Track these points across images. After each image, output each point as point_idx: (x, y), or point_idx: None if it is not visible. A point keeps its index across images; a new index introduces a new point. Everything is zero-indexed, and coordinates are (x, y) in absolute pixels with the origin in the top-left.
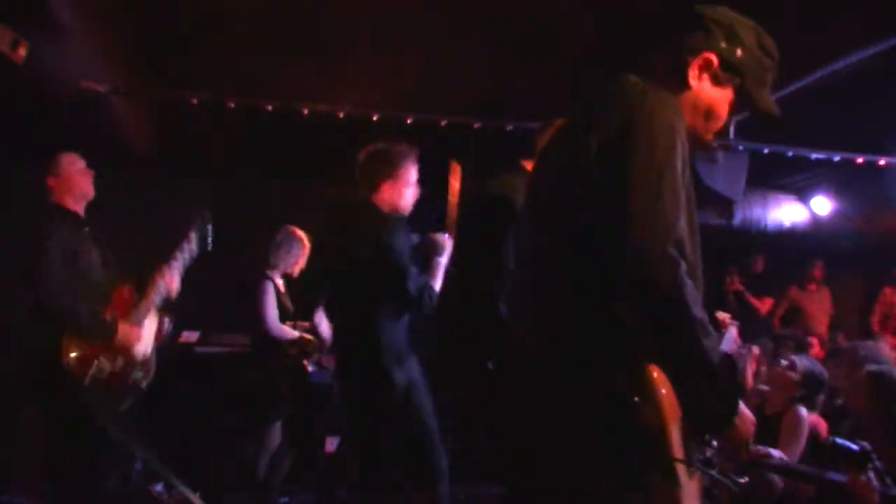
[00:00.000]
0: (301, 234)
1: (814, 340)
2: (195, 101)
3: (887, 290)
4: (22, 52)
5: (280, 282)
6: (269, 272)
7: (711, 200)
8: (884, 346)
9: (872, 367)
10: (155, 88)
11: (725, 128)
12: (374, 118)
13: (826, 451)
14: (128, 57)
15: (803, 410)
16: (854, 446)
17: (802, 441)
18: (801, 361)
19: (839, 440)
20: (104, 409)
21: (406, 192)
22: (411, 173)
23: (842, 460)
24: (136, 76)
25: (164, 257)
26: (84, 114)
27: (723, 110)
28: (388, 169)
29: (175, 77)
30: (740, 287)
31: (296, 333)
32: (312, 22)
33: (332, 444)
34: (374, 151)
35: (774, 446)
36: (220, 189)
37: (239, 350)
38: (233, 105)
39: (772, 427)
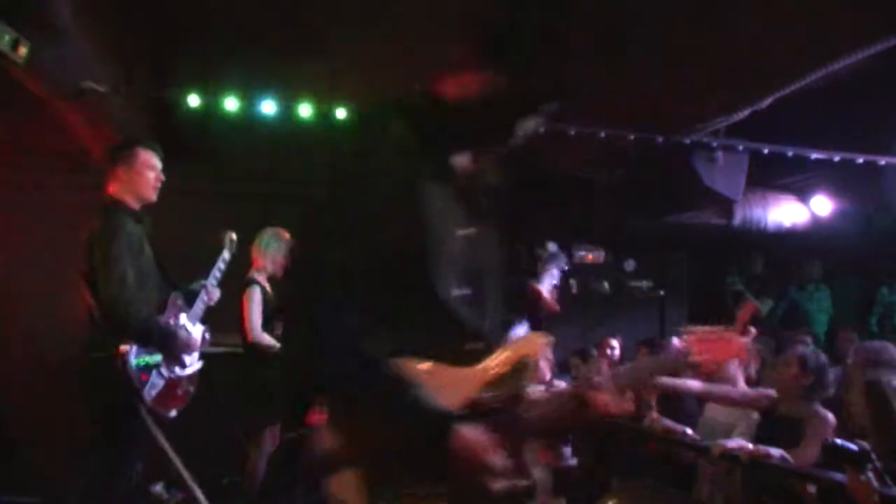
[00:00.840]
0: (287, 234)
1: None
2: (195, 100)
3: (885, 291)
4: (22, 52)
5: (267, 284)
6: (256, 276)
7: (711, 200)
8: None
9: (868, 376)
10: (155, 88)
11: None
12: None
13: (826, 452)
14: (128, 57)
15: (829, 415)
16: (853, 446)
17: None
18: (793, 351)
19: (839, 440)
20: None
21: None
22: None
23: (841, 460)
24: (136, 76)
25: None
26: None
27: None
28: None
29: (175, 77)
30: (740, 288)
31: (273, 343)
32: (312, 21)
33: None
34: None
35: (793, 446)
36: (220, 188)
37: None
38: (233, 105)
39: (787, 427)
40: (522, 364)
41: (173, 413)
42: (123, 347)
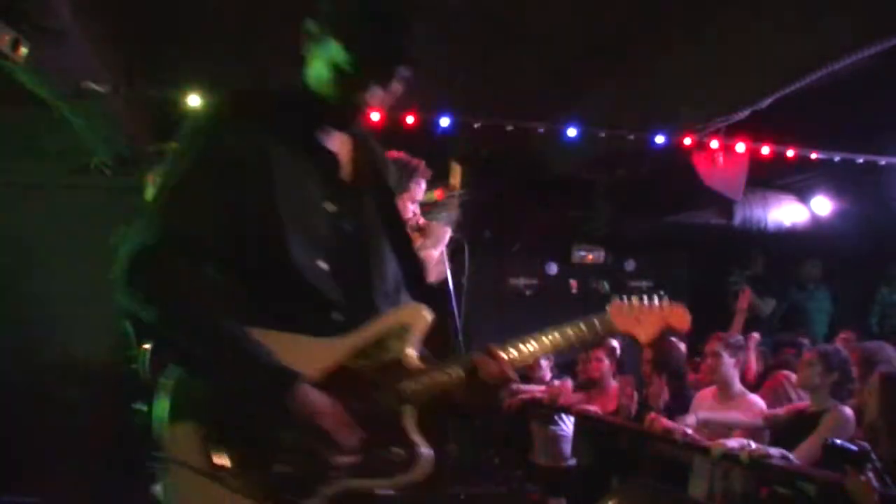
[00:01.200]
0: None
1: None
2: (195, 100)
3: (885, 292)
4: (22, 52)
5: None
6: None
7: (711, 200)
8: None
9: (884, 369)
10: (155, 88)
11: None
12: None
13: (826, 452)
14: (128, 57)
15: (848, 410)
16: (853, 446)
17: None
18: (814, 350)
19: (838, 441)
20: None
21: (409, 205)
22: (420, 190)
23: (841, 460)
24: (136, 76)
25: None
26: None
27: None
28: (396, 179)
29: (175, 77)
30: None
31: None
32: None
33: None
34: (392, 159)
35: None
36: None
37: None
38: None
39: (810, 423)
40: (399, 331)
41: None
42: (145, 346)
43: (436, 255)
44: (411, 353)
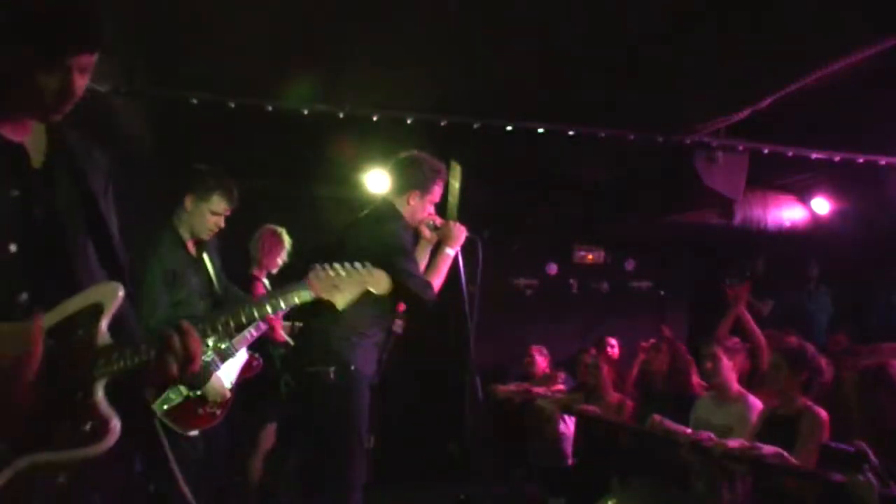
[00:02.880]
0: (281, 230)
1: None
2: (195, 101)
3: (884, 292)
4: None
5: (265, 281)
6: (256, 273)
7: (711, 200)
8: None
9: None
10: (155, 88)
11: None
12: (374, 118)
13: (822, 453)
14: (128, 57)
15: (821, 412)
16: (850, 448)
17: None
18: (777, 351)
19: (833, 443)
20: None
21: (429, 207)
22: (439, 191)
23: (838, 462)
24: (136, 76)
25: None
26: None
27: None
28: (421, 180)
29: (175, 77)
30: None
31: (284, 337)
32: (313, 22)
33: None
34: (413, 158)
35: (790, 446)
36: None
37: None
38: (233, 105)
39: (786, 428)
40: (91, 310)
41: (193, 432)
42: None
43: (451, 255)
44: (103, 331)
